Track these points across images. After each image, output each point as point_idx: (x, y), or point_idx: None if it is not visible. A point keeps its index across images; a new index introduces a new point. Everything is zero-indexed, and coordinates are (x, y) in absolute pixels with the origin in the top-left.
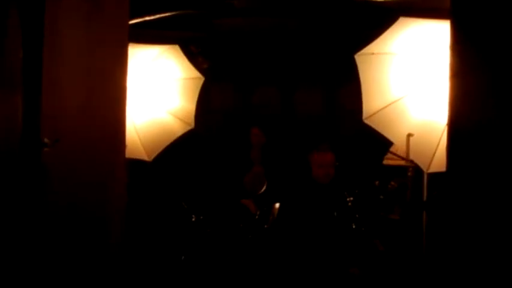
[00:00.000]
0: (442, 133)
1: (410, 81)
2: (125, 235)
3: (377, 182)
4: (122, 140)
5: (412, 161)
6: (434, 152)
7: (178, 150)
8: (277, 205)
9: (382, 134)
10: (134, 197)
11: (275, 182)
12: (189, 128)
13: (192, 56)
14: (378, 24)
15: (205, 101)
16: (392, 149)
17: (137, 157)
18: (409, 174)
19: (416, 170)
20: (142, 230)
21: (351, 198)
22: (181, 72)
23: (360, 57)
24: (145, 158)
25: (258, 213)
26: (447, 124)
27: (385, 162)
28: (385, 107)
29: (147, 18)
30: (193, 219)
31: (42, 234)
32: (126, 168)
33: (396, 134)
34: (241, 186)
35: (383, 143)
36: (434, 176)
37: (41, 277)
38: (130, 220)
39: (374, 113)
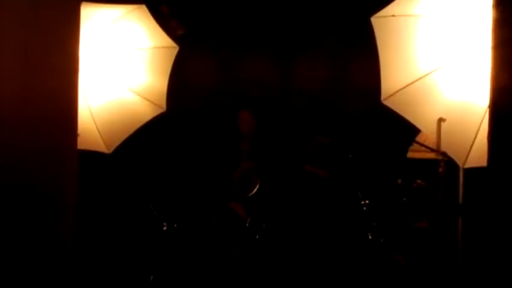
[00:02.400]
0: (483, 118)
1: (441, 52)
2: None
3: (399, 181)
4: (72, 127)
5: (444, 154)
6: (473, 142)
7: (145, 140)
8: (271, 210)
9: (406, 119)
10: (89, 200)
11: (269, 181)
12: (159, 111)
13: (164, 18)
14: None
15: (180, 77)
16: (418, 138)
17: (93, 148)
18: (441, 170)
19: (450, 164)
20: (100, 240)
21: (367, 202)
22: (149, 39)
23: (378, 21)
24: (104, 149)
25: (248, 220)
26: (489, 106)
27: (409, 155)
28: (410, 84)
29: None
30: (164, 228)
31: None
32: (77, 162)
33: (424, 119)
34: (227, 186)
35: (407, 131)
36: (473, 173)
37: None
38: (85, 227)
39: (395, 92)
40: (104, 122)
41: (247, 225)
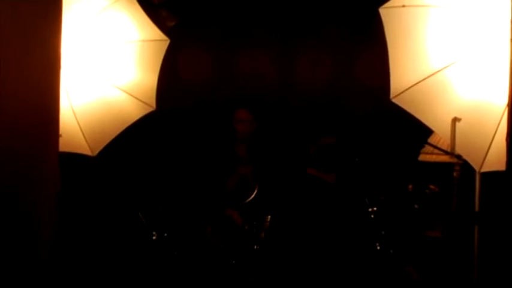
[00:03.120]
0: (501, 118)
1: (455, 45)
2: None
3: (410, 186)
4: (54, 128)
5: (458, 157)
6: (490, 144)
7: (133, 141)
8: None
9: (418, 118)
10: (72, 207)
11: (268, 186)
12: (148, 110)
13: (153, 8)
14: None
15: (171, 73)
16: (431, 139)
17: (76, 151)
18: (455, 174)
19: (465, 168)
20: (84, 250)
21: (374, 209)
22: (137, 32)
23: (387, 11)
24: (88, 152)
25: (245, 228)
26: (507, 105)
27: (421, 158)
28: (421, 80)
29: None
30: (154, 237)
31: None
32: (59, 165)
33: (437, 119)
34: (223, 192)
35: (418, 132)
36: (490, 177)
37: None
38: (68, 236)
39: (406, 90)
40: (88, 122)
41: (244, 234)
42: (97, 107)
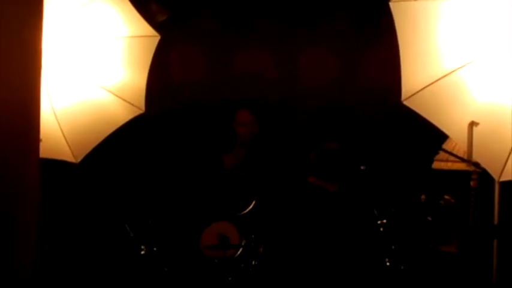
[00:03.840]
0: None
1: (472, 43)
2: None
3: (423, 197)
4: (34, 132)
5: (476, 164)
6: (510, 151)
7: (120, 147)
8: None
9: (431, 122)
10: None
11: (267, 196)
12: (137, 112)
13: (143, 2)
14: None
15: (162, 72)
16: (446, 145)
17: (58, 157)
18: (472, 184)
19: (483, 177)
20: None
21: (384, 221)
22: (125, 27)
23: (398, 6)
24: (71, 158)
25: (242, 243)
26: None
27: (435, 165)
28: (435, 81)
29: None
30: (142, 252)
31: None
32: (39, 172)
33: (452, 124)
34: (217, 202)
35: (432, 137)
36: (510, 187)
37: None
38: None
39: (418, 91)
40: (71, 126)
41: (240, 249)
42: (81, 109)
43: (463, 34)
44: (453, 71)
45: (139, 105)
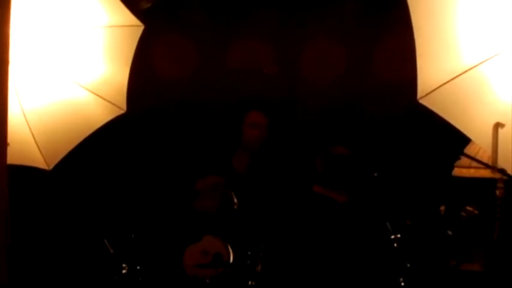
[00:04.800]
0: None
1: (496, 35)
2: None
3: (443, 208)
4: (1, 136)
5: (502, 171)
6: None
7: (98, 151)
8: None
9: (451, 123)
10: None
11: (266, 207)
12: (117, 113)
13: None
14: None
15: (146, 66)
16: (468, 150)
17: (28, 164)
18: (498, 193)
19: (510, 185)
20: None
21: (398, 235)
22: (105, 15)
23: None
24: (42, 165)
25: (230, 259)
26: None
27: (456, 172)
28: (455, 78)
29: None
30: (124, 271)
31: None
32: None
33: (474, 125)
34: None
35: (452, 140)
36: None
37: None
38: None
39: (436, 88)
40: (42, 129)
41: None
42: (54, 110)
43: (485, 25)
44: (475, 66)
45: (120, 104)
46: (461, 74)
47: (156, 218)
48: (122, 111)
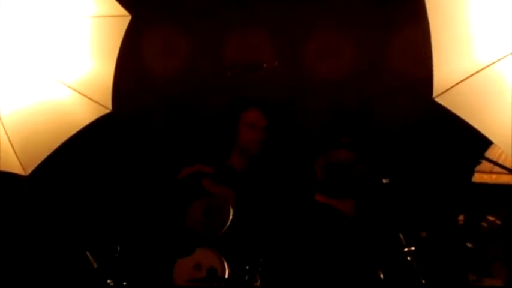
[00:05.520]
0: None
1: None
2: None
3: (461, 217)
4: None
5: None
6: None
7: (81, 155)
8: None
9: (470, 124)
10: None
11: (264, 218)
12: (101, 112)
13: None
14: None
15: (134, 61)
16: (489, 154)
17: (3, 169)
18: None
19: None
20: None
21: (412, 249)
22: (87, 5)
23: None
24: (19, 170)
25: (226, 274)
26: None
27: (476, 178)
28: (474, 74)
29: None
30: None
31: None
32: None
33: (496, 126)
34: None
35: (472, 143)
36: None
37: None
38: None
39: (453, 86)
40: (18, 130)
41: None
42: (30, 109)
43: (506, 20)
44: (496, 61)
45: (104, 102)
46: (481, 70)
47: (144, 228)
48: (106, 111)
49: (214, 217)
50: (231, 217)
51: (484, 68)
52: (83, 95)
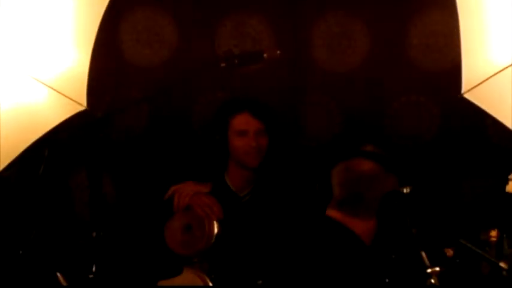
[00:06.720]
0: None
1: None
2: None
3: (494, 233)
4: None
5: None
6: None
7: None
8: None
9: (503, 124)
10: None
11: (269, 235)
12: (76, 110)
13: None
14: None
15: (112, 49)
16: None
17: None
18: None
19: None
20: None
21: (437, 269)
22: None
23: None
24: None
25: None
26: None
27: (510, 188)
28: (506, 68)
29: None
30: None
31: None
32: None
33: None
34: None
35: (506, 147)
36: None
37: None
38: None
39: (483, 82)
40: None
41: None
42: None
43: None
44: None
45: (78, 98)
46: None
47: (124, 245)
48: (81, 108)
49: (195, 232)
50: (216, 230)
51: None
52: (52, 88)
